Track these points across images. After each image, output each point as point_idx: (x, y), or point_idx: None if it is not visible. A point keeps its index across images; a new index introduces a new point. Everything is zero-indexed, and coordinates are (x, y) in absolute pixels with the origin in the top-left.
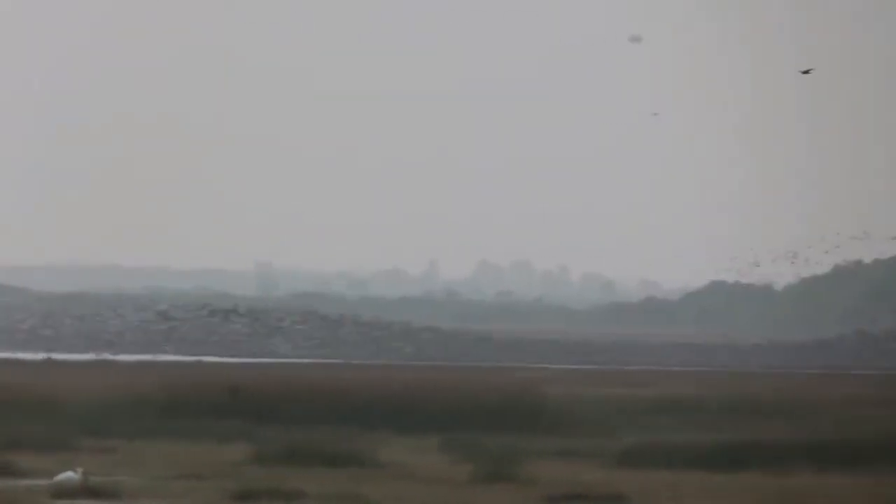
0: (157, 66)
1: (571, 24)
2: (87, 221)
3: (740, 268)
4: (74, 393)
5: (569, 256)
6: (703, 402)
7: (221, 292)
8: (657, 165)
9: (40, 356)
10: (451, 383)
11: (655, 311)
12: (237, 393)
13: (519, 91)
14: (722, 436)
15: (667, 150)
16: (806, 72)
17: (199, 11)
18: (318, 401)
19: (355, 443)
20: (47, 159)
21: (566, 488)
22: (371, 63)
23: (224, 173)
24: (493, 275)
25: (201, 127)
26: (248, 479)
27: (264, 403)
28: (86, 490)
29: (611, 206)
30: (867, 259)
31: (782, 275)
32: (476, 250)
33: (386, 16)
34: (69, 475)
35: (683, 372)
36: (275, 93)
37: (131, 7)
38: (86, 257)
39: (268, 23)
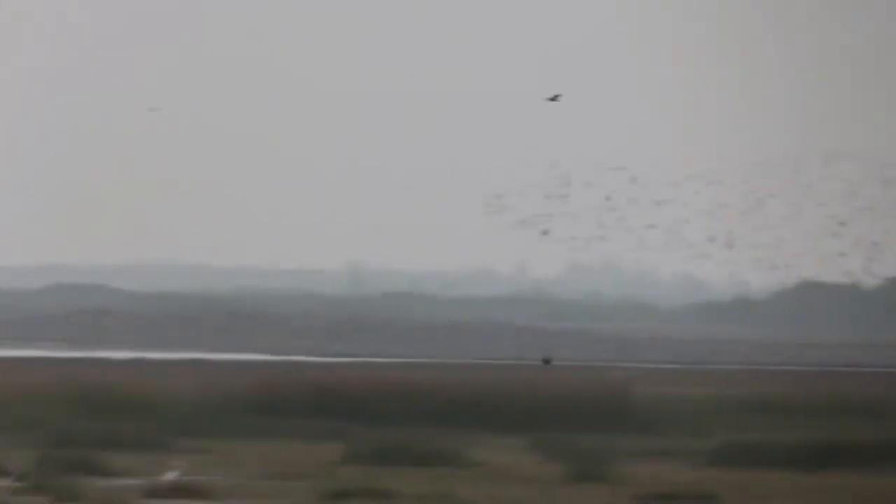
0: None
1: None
2: (173, 221)
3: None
4: (167, 393)
5: (657, 256)
6: (795, 401)
7: (312, 291)
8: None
9: (132, 355)
10: (542, 382)
11: (745, 310)
12: (328, 393)
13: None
14: (814, 435)
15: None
16: (553, 98)
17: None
18: (411, 400)
19: (447, 442)
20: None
21: (656, 488)
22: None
23: (318, 173)
24: (582, 274)
25: (291, 131)
26: (340, 478)
27: (357, 403)
28: (180, 490)
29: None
30: None
31: (869, 273)
32: (565, 250)
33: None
34: (174, 475)
35: (774, 371)
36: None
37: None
38: (174, 257)
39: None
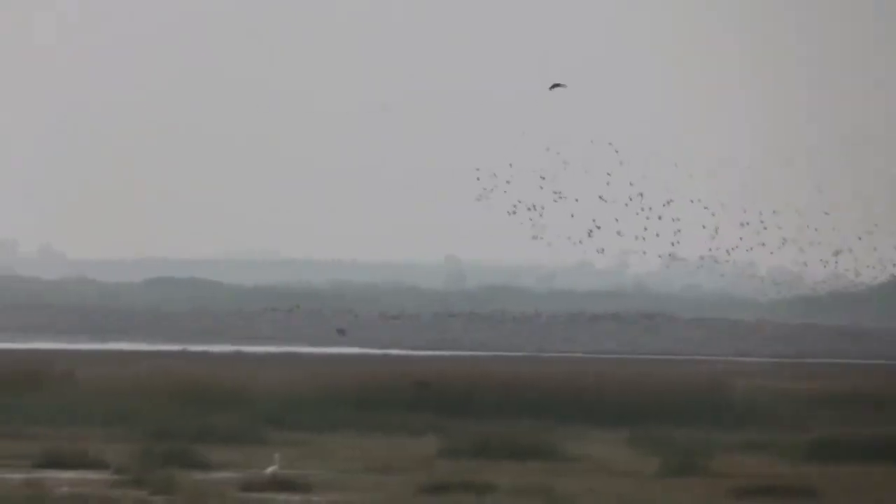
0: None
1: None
2: (271, 214)
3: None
4: (264, 385)
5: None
6: (893, 395)
7: (411, 285)
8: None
9: (231, 349)
10: (639, 376)
11: (841, 304)
12: (426, 387)
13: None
14: None
15: None
16: (555, 86)
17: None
18: (509, 394)
19: (545, 436)
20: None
21: (752, 482)
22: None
23: (414, 173)
24: (681, 268)
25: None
26: (438, 472)
27: (454, 397)
28: (275, 483)
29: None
30: None
31: None
32: (665, 245)
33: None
34: (273, 468)
35: (872, 365)
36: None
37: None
38: (273, 251)
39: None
